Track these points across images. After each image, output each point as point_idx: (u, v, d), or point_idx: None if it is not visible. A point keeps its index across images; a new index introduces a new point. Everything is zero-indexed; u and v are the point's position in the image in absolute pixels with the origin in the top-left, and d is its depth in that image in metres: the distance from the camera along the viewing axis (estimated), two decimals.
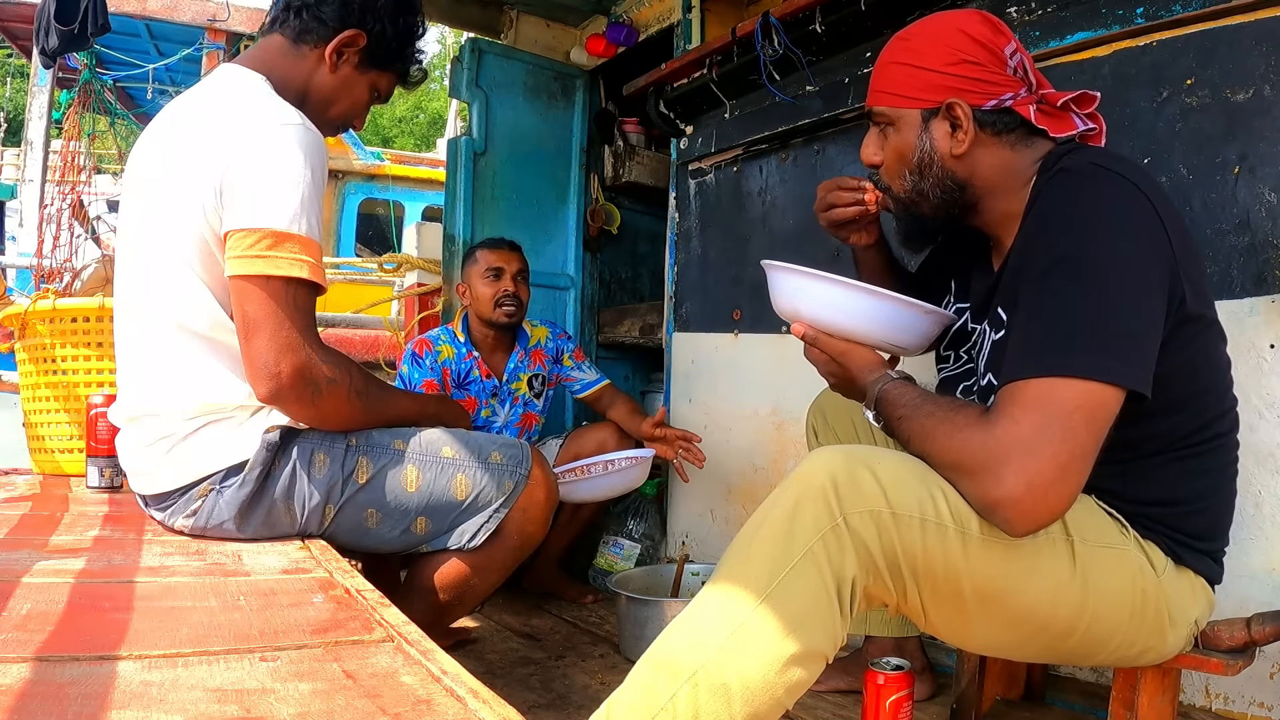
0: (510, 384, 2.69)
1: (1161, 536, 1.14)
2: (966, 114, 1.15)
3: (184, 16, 6.63)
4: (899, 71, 1.20)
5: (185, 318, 1.36)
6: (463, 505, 1.45)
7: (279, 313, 1.30)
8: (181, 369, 1.37)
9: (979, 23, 1.17)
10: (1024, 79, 1.18)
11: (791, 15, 2.18)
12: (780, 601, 0.97)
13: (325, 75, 1.48)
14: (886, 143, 1.23)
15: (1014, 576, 1.05)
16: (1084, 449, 0.98)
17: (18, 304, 2.32)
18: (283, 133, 1.32)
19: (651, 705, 0.95)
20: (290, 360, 1.29)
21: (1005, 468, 0.97)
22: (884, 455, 1.05)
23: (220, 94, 1.41)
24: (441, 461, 1.45)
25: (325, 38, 1.46)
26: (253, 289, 1.30)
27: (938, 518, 1.02)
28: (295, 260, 1.30)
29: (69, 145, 6.97)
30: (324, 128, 1.53)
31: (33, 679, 0.75)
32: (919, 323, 1.24)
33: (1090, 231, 1.03)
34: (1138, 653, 1.14)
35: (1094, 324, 1.00)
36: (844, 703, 1.76)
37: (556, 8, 3.47)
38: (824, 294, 1.23)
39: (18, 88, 17.15)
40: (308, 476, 1.39)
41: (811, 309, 1.24)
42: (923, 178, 1.20)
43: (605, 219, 3.53)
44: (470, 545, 1.46)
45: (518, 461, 1.49)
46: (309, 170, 1.32)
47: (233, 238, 1.30)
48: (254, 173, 1.30)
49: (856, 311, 1.21)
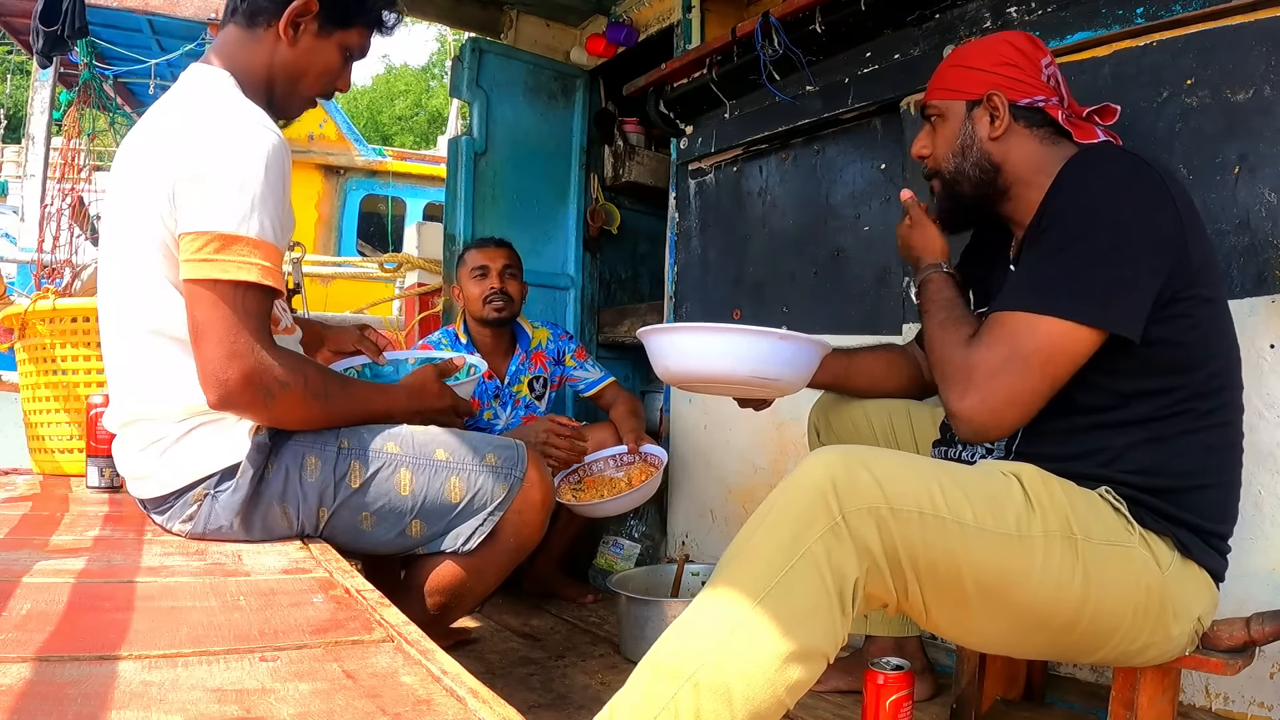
0: (512, 386, 2.69)
1: (1172, 524, 1.15)
2: (1003, 103, 1.32)
3: (186, 11, 6.62)
4: (951, 71, 1.39)
5: (162, 323, 1.35)
6: (458, 508, 1.44)
7: (227, 317, 1.27)
8: (166, 373, 1.36)
9: (1022, 38, 1.37)
10: (1056, 89, 1.34)
11: (791, 15, 2.18)
12: (780, 601, 0.98)
13: (285, 51, 1.43)
14: (935, 134, 1.40)
15: (1014, 569, 1.06)
16: (1036, 386, 1.13)
17: (18, 304, 2.32)
18: (233, 134, 1.30)
19: (653, 706, 0.96)
20: (238, 366, 1.27)
21: (970, 387, 1.16)
22: (881, 454, 1.07)
23: (182, 96, 1.40)
24: (435, 464, 1.43)
25: (276, 14, 1.41)
26: (201, 293, 1.27)
27: (935, 510, 1.04)
28: (243, 263, 1.27)
29: (68, 144, 6.97)
30: (301, 103, 1.51)
31: (33, 679, 0.75)
32: (782, 351, 1.30)
33: (1096, 194, 1.16)
34: (1140, 648, 1.14)
35: (1081, 269, 1.13)
36: (844, 703, 1.76)
37: (556, 8, 3.47)
38: (680, 344, 1.33)
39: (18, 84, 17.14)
40: (300, 480, 1.38)
41: (677, 363, 1.34)
42: (964, 158, 1.36)
43: (605, 219, 3.53)
44: (465, 548, 1.45)
45: (513, 464, 1.47)
46: (262, 170, 1.29)
47: (183, 241, 1.29)
48: (202, 175, 1.28)
49: (719, 353, 1.30)
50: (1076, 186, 1.18)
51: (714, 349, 1.30)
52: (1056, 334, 1.12)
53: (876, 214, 2.23)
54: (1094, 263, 1.12)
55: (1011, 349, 1.13)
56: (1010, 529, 1.07)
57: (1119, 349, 1.13)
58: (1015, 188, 1.34)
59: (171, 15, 6.62)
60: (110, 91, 7.46)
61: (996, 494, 1.09)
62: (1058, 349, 1.12)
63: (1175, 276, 1.13)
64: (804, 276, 2.42)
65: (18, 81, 17.30)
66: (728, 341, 1.30)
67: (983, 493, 1.08)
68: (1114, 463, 1.16)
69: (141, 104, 7.92)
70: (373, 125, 24.83)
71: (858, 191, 2.29)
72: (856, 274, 2.27)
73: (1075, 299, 1.11)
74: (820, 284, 2.37)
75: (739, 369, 1.29)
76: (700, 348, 1.32)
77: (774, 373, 1.31)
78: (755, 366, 1.29)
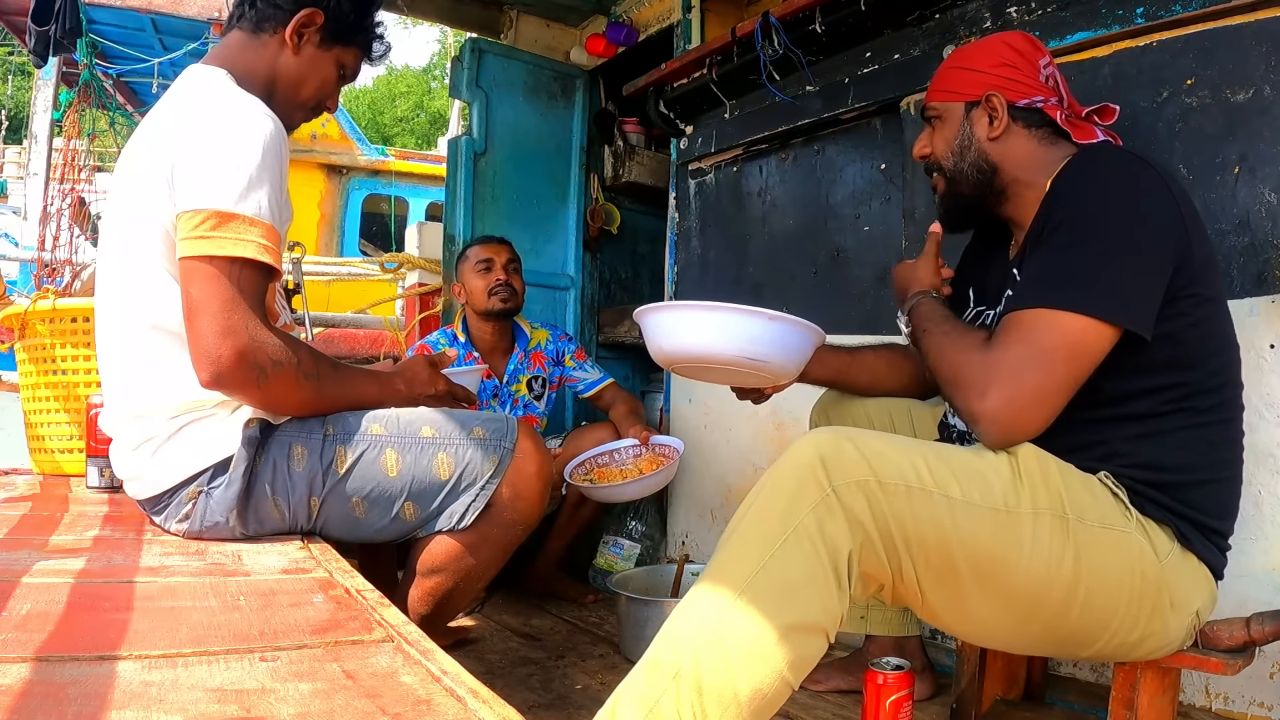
0: (510, 385, 2.69)
1: (1172, 515, 1.15)
2: (1001, 104, 1.32)
3: (189, 10, 6.62)
4: (951, 73, 1.40)
5: (158, 316, 1.35)
6: (448, 485, 1.41)
7: (222, 294, 1.27)
8: (159, 369, 1.36)
9: (1020, 38, 1.37)
10: (1055, 90, 1.34)
11: (791, 15, 2.18)
12: (775, 574, 0.99)
13: (289, 58, 1.47)
14: (935, 135, 1.41)
15: (1004, 545, 1.07)
16: (1061, 382, 1.11)
17: (18, 304, 2.32)
18: (230, 117, 1.32)
19: (656, 690, 0.97)
20: (231, 344, 1.26)
21: (991, 386, 1.12)
22: (867, 433, 1.10)
23: (181, 94, 1.42)
24: (421, 442, 1.41)
25: (283, 22, 1.46)
26: (197, 269, 1.27)
27: (921, 484, 1.05)
28: (240, 240, 1.28)
29: (69, 144, 6.97)
30: (299, 113, 1.53)
31: (33, 679, 0.75)
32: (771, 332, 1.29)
33: (1102, 192, 1.16)
34: (1137, 640, 1.14)
35: (1094, 267, 1.12)
36: (844, 703, 1.76)
37: (556, 8, 3.47)
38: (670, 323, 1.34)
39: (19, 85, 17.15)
40: (288, 470, 1.38)
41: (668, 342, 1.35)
42: (962, 158, 1.37)
43: (605, 219, 3.53)
44: (461, 525, 1.42)
45: (501, 435, 1.44)
46: (259, 152, 1.30)
47: (180, 219, 1.29)
48: (199, 154, 1.29)
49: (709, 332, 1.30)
50: (1083, 185, 1.18)
51: (703, 327, 1.30)
52: (1078, 329, 1.10)
53: (876, 214, 2.23)
54: (1109, 260, 1.12)
55: (1033, 346, 1.11)
56: (998, 504, 1.07)
57: (1124, 346, 1.13)
58: (1014, 187, 1.34)
59: (175, 14, 6.62)
60: (112, 91, 7.46)
61: (983, 470, 1.10)
62: (1080, 345, 1.10)
63: (1178, 275, 1.13)
64: (804, 276, 2.42)
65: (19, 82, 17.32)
66: (717, 320, 1.29)
67: (969, 469, 1.09)
68: (1113, 457, 1.16)
69: (144, 104, 7.91)
70: (374, 126, 24.82)
71: (858, 191, 2.29)
72: (856, 274, 2.27)
73: (1095, 295, 1.10)
74: (820, 284, 2.37)
75: (728, 348, 1.29)
76: (689, 326, 1.32)
77: (763, 354, 1.30)
78: (743, 346, 1.29)
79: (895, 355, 1.67)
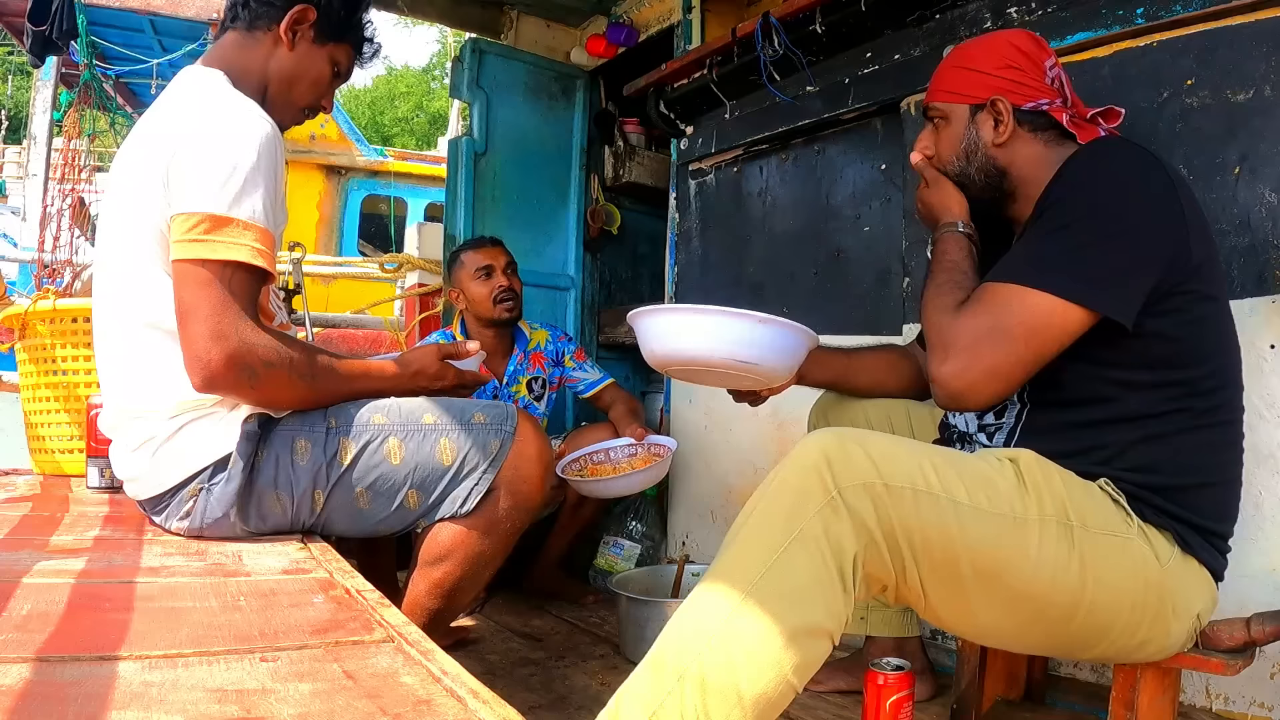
0: (510, 386, 2.69)
1: (1172, 520, 1.14)
2: (1007, 109, 1.31)
3: (188, 11, 6.63)
4: (953, 73, 1.37)
5: (155, 316, 1.36)
6: (450, 471, 1.42)
7: (214, 297, 1.28)
8: (157, 369, 1.36)
9: (1025, 38, 1.35)
10: (1060, 91, 1.33)
11: (792, 16, 2.19)
12: (780, 578, 0.98)
13: (284, 55, 1.48)
14: (938, 136, 1.39)
15: (1009, 551, 1.06)
16: (1019, 358, 1.13)
17: (18, 304, 2.32)
18: (226, 120, 1.32)
19: (659, 692, 0.96)
20: (221, 348, 1.27)
21: (950, 353, 1.16)
22: (873, 434, 1.09)
23: (177, 94, 1.42)
24: (424, 429, 1.42)
25: (276, 19, 1.47)
26: (189, 273, 1.28)
27: (928, 487, 1.04)
28: (233, 244, 1.28)
29: (69, 144, 6.97)
30: (293, 112, 1.54)
31: (33, 679, 0.75)
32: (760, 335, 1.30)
33: (1099, 179, 1.16)
34: (1139, 643, 1.14)
35: (1078, 249, 1.13)
36: (844, 703, 1.76)
37: (557, 8, 3.47)
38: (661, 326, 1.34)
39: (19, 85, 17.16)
40: (291, 464, 1.38)
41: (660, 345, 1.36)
42: (969, 163, 1.35)
43: (605, 219, 3.53)
44: (465, 509, 1.42)
45: (502, 420, 1.46)
46: (255, 155, 1.31)
47: (175, 222, 1.30)
48: (194, 158, 1.30)
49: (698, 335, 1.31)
50: (1081, 173, 1.18)
51: (694, 330, 1.30)
52: (1045, 309, 1.12)
53: (876, 214, 2.23)
54: (1091, 244, 1.12)
55: (996, 320, 1.14)
56: (1004, 510, 1.07)
57: (1111, 337, 1.13)
58: (1021, 189, 1.33)
59: (173, 15, 6.62)
60: (111, 91, 7.46)
61: (989, 475, 1.10)
62: (1043, 324, 1.12)
63: (1173, 270, 1.13)
64: (804, 277, 2.42)
65: (19, 83, 17.32)
66: (707, 323, 1.30)
67: (975, 473, 1.09)
68: (1113, 460, 1.16)
69: (143, 104, 7.91)
70: (374, 126, 24.82)
71: (858, 192, 2.29)
72: (856, 274, 2.27)
73: (1069, 277, 1.11)
74: (820, 284, 2.37)
75: (717, 351, 1.30)
76: (679, 329, 1.32)
77: (754, 356, 1.31)
78: (733, 349, 1.29)
79: (894, 356, 1.67)
